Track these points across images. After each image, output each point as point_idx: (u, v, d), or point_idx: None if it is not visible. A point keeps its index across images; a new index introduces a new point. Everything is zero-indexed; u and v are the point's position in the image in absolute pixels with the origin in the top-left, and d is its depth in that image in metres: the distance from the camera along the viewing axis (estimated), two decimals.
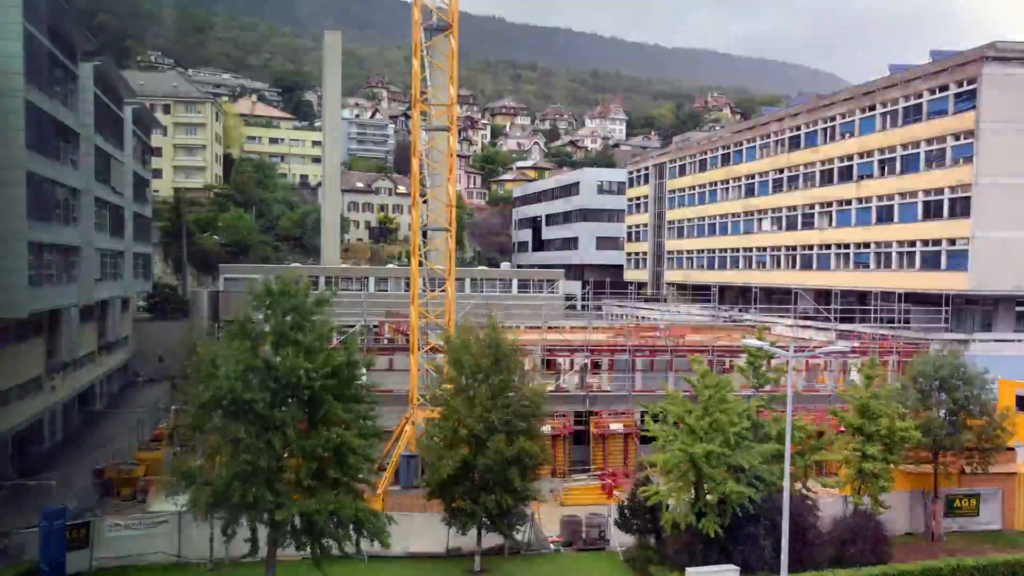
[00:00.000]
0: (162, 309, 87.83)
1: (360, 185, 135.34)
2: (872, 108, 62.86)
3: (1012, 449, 39.08)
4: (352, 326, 45.94)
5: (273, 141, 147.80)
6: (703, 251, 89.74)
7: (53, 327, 48.49)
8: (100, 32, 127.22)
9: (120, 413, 56.64)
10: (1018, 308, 55.17)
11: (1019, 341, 52.53)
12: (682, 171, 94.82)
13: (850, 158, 65.23)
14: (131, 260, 68.01)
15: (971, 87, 53.54)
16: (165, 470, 32.28)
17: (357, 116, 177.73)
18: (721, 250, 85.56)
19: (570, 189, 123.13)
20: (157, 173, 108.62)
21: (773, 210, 76.08)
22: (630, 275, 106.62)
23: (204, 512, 26.49)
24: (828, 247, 67.97)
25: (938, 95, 56.60)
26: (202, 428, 26.56)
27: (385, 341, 55.68)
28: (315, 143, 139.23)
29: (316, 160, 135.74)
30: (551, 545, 34.97)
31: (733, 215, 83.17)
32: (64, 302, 47.38)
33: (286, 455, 26.06)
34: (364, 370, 28.84)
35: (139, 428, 50.03)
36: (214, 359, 26.04)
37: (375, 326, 58.20)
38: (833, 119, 67.60)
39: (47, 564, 29.14)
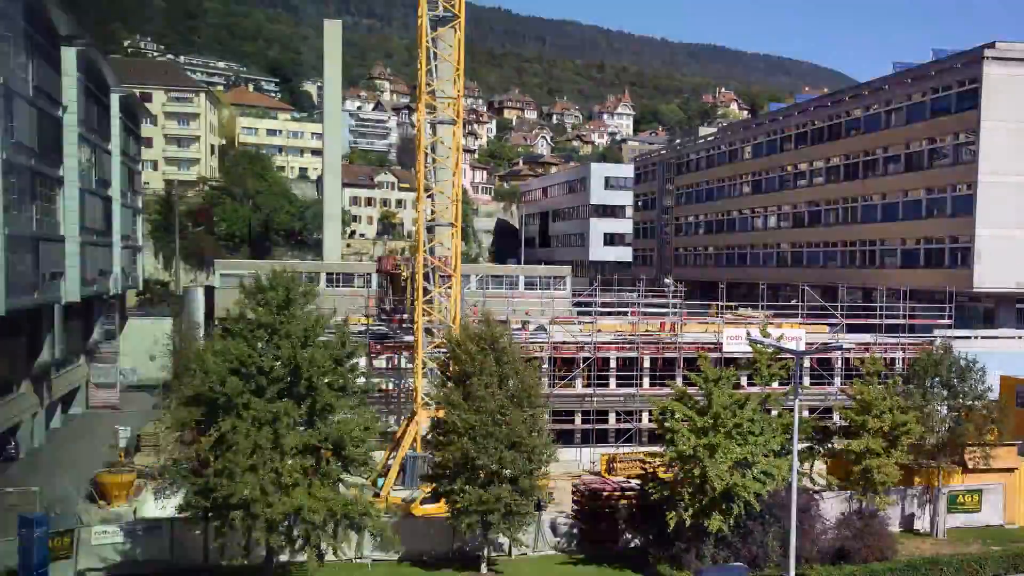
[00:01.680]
0: (153, 305, 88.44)
1: (362, 179, 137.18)
2: (877, 106, 66.41)
3: (1013, 444, 41.02)
4: (350, 320, 46.95)
5: (270, 132, 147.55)
6: (710, 248, 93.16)
7: (34, 326, 47.24)
8: (84, 15, 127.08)
9: (106, 416, 54.77)
10: (1019, 306, 58.55)
11: (1020, 338, 55.67)
12: (689, 167, 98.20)
13: (856, 155, 68.76)
14: (119, 255, 66.78)
15: (973, 86, 57.08)
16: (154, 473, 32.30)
17: (359, 108, 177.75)
18: (728, 247, 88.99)
19: (577, 184, 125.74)
20: (148, 165, 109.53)
21: (780, 207, 79.56)
22: (638, 272, 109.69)
23: (197, 514, 26.84)
24: (834, 244, 71.45)
25: (941, 94, 60.17)
26: (193, 425, 26.96)
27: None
28: (315, 135, 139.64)
29: (315, 152, 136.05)
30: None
31: (740, 211, 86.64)
32: (46, 299, 46.20)
33: (282, 452, 26.35)
34: (361, 361, 29.92)
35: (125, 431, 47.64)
36: (205, 353, 27.09)
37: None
38: (839, 116, 71.17)
39: (28, 575, 28.33)
